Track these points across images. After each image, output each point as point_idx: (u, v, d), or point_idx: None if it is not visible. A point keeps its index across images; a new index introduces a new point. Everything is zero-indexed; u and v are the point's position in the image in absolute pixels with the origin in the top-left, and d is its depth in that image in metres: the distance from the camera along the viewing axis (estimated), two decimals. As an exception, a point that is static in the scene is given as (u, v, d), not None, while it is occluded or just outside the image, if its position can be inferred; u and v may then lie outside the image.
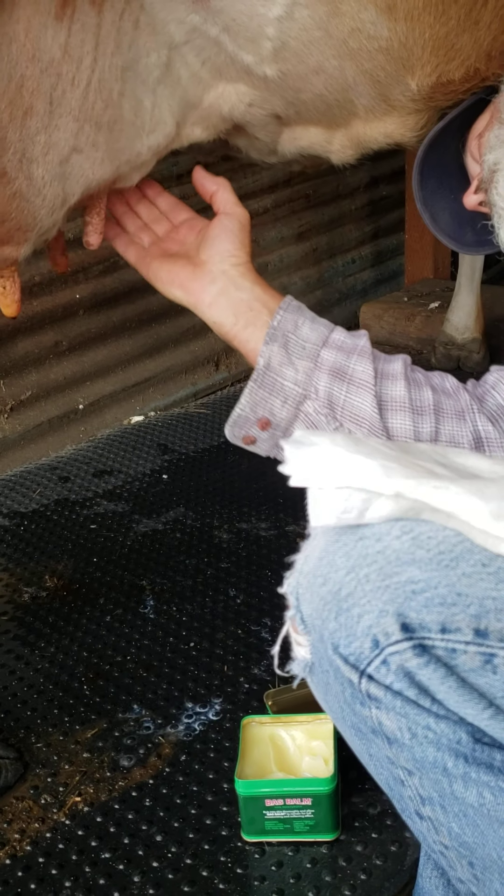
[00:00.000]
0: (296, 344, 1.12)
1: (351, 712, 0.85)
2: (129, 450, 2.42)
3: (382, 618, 0.77)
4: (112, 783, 1.33)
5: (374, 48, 1.26)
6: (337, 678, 0.83)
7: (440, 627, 0.77)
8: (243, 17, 1.19)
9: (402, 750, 0.82)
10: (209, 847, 1.22)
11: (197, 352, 3.12)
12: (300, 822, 1.18)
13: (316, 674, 0.87)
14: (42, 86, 1.11)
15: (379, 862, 1.18)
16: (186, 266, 1.19)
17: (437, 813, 0.85)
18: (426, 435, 1.10)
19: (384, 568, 0.78)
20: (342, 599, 0.79)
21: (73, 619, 1.71)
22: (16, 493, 2.21)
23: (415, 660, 0.77)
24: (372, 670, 0.79)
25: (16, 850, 1.23)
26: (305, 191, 3.44)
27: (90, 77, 1.16)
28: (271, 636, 1.62)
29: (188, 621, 1.69)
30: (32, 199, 1.17)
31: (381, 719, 0.81)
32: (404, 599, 0.77)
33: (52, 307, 2.65)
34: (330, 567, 0.80)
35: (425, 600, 0.77)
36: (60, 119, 1.14)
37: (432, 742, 0.80)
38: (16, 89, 1.10)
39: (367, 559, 0.79)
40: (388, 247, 3.89)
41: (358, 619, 0.78)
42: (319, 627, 0.82)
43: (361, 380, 1.10)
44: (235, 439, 1.17)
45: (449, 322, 2.80)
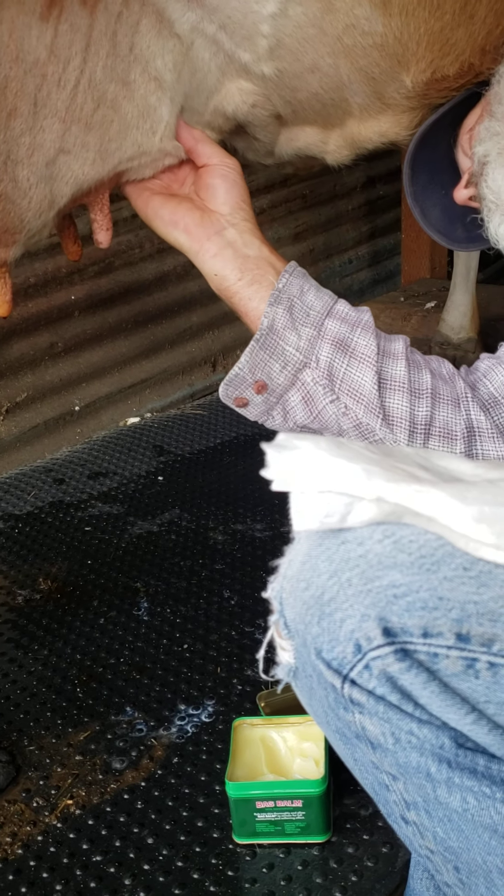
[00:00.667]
0: (300, 309, 1.09)
1: (335, 717, 0.84)
2: (124, 451, 2.42)
3: (364, 622, 0.77)
4: (104, 786, 1.33)
5: (368, 44, 1.26)
6: (320, 683, 0.82)
7: (422, 632, 0.76)
8: (238, 14, 1.19)
9: (386, 755, 0.82)
10: (200, 849, 1.21)
11: (194, 353, 3.12)
12: (291, 823, 1.18)
13: (300, 678, 0.87)
14: (26, 87, 1.10)
15: (370, 864, 1.18)
16: (193, 210, 1.14)
17: (422, 818, 0.85)
18: (421, 418, 1.08)
19: (366, 572, 0.77)
20: (325, 604, 0.79)
21: (66, 622, 1.71)
22: (10, 496, 2.21)
23: (397, 664, 0.77)
24: (355, 675, 0.79)
25: (7, 854, 1.23)
26: (302, 191, 3.44)
27: (79, 78, 1.15)
28: (265, 638, 1.62)
29: (182, 623, 1.68)
30: (18, 202, 1.17)
31: (365, 724, 0.81)
32: (386, 604, 0.76)
33: (48, 308, 2.65)
34: (313, 571, 0.80)
35: (407, 604, 0.76)
36: (45, 120, 1.13)
37: (415, 747, 0.79)
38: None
39: (349, 563, 0.78)
40: (384, 247, 3.89)
41: (340, 624, 0.78)
42: (303, 632, 0.81)
43: (364, 355, 1.08)
44: (227, 399, 1.14)
45: (445, 322, 2.80)
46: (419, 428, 1.08)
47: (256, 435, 2.44)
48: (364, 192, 3.74)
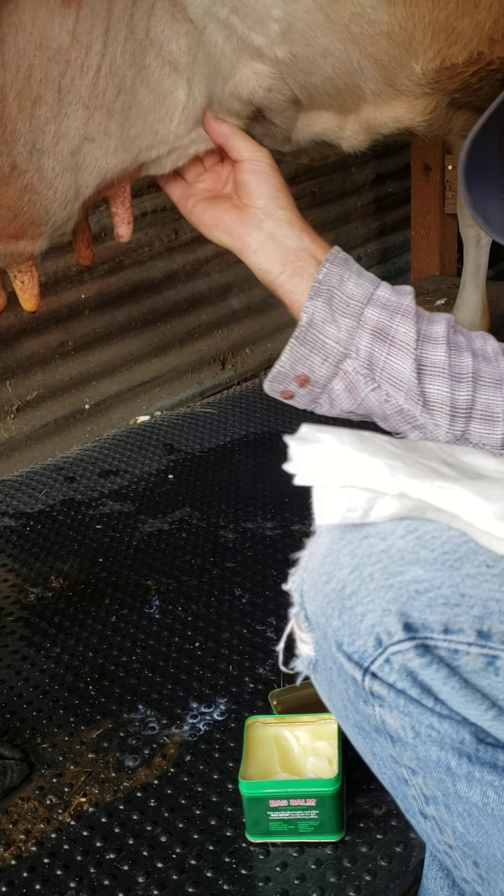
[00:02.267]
0: (340, 300, 1.09)
1: (354, 710, 0.84)
2: (134, 450, 2.42)
3: (385, 617, 0.77)
4: (117, 784, 1.33)
5: (375, 32, 1.26)
6: (340, 676, 0.83)
7: (443, 628, 0.76)
8: None
9: (406, 749, 0.82)
10: (214, 848, 1.22)
11: (203, 351, 3.12)
12: (304, 822, 1.18)
13: (319, 671, 0.87)
14: (50, 74, 1.10)
15: (384, 863, 1.18)
16: (231, 210, 1.16)
17: (441, 812, 0.85)
18: (462, 402, 1.07)
19: (388, 567, 0.77)
20: (346, 598, 0.79)
21: (78, 620, 1.71)
22: (22, 494, 2.21)
23: (417, 660, 0.77)
24: (375, 668, 0.79)
25: (21, 851, 1.23)
26: (311, 188, 3.44)
27: (100, 63, 1.15)
28: (276, 636, 1.62)
29: (193, 621, 1.69)
30: (44, 192, 1.17)
31: (385, 717, 0.81)
32: (407, 599, 0.77)
33: (58, 307, 2.65)
34: (334, 565, 0.80)
35: (428, 600, 0.76)
36: (70, 107, 1.13)
37: (435, 741, 0.79)
38: (24, 79, 1.09)
39: (371, 558, 0.78)
40: (394, 244, 3.88)
41: (361, 618, 0.78)
42: (323, 625, 0.81)
43: (403, 342, 1.07)
44: (273, 393, 1.14)
45: (455, 319, 2.79)
46: (460, 412, 1.08)
47: (266, 433, 2.44)
48: (373, 189, 3.74)
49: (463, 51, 1.31)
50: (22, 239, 1.22)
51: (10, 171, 1.15)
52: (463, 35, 1.29)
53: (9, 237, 1.22)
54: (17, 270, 1.29)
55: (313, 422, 0.90)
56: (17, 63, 1.09)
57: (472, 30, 1.29)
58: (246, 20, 1.21)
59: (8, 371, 2.55)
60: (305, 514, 2.01)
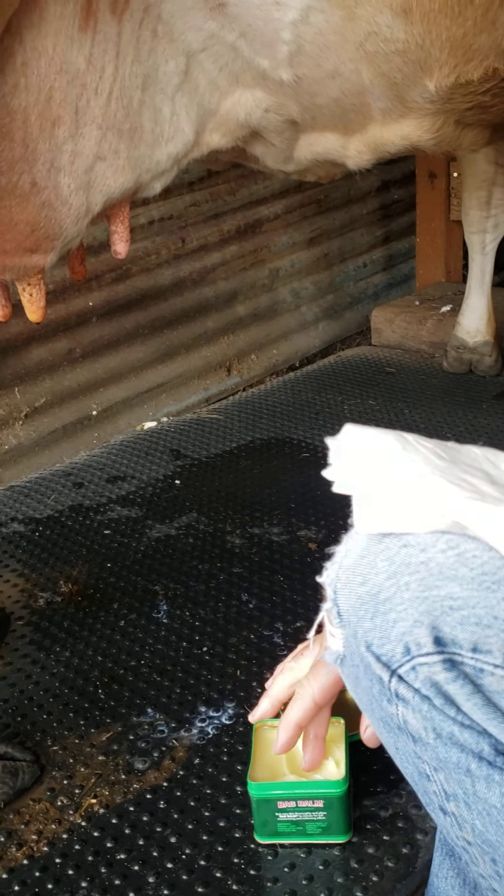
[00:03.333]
0: None
1: (378, 707, 0.86)
2: (142, 455, 2.44)
3: (416, 628, 0.79)
4: (127, 786, 1.35)
5: (390, 51, 1.27)
6: (367, 673, 0.85)
7: (472, 646, 0.78)
8: (259, 22, 1.20)
9: (427, 749, 0.84)
10: (223, 849, 1.23)
11: (209, 357, 3.15)
12: (312, 823, 1.20)
13: (346, 666, 0.89)
14: (69, 96, 1.14)
15: (391, 864, 1.19)
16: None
17: (461, 809, 0.86)
18: None
19: (425, 579, 0.79)
20: (380, 602, 0.81)
21: (87, 624, 1.73)
22: (30, 500, 2.23)
23: (443, 673, 0.79)
24: (402, 672, 0.81)
25: (33, 851, 1.25)
26: (316, 196, 3.46)
27: (112, 86, 1.18)
28: (284, 641, 1.64)
29: (201, 626, 1.70)
30: (59, 208, 1.20)
31: (407, 718, 0.83)
32: (440, 613, 0.78)
33: (66, 315, 2.68)
34: (370, 568, 0.82)
35: (461, 618, 0.78)
36: (85, 128, 1.16)
37: (456, 744, 0.81)
38: (45, 101, 1.13)
39: (409, 567, 0.80)
40: (399, 251, 3.90)
41: (393, 624, 0.80)
42: (354, 624, 0.83)
43: None
44: None
45: (460, 325, 2.81)
46: None
47: (273, 439, 2.46)
48: (378, 196, 3.76)
49: (478, 67, 1.32)
50: (36, 252, 1.26)
51: (30, 188, 1.18)
52: (479, 52, 1.30)
53: (24, 251, 1.25)
54: (27, 283, 1.32)
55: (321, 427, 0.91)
56: (38, 86, 1.12)
57: (489, 46, 1.30)
58: (254, 43, 1.23)
59: (16, 377, 2.58)
60: (311, 519, 2.04)
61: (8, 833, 1.28)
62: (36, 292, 1.33)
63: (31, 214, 1.20)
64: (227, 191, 3.10)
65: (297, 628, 1.67)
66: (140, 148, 1.26)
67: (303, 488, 2.24)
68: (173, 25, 1.21)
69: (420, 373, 2.91)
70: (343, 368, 2.99)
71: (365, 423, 1.25)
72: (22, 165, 1.15)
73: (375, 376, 2.91)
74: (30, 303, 1.33)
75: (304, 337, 3.43)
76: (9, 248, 1.24)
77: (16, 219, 1.20)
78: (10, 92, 1.10)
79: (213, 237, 3.08)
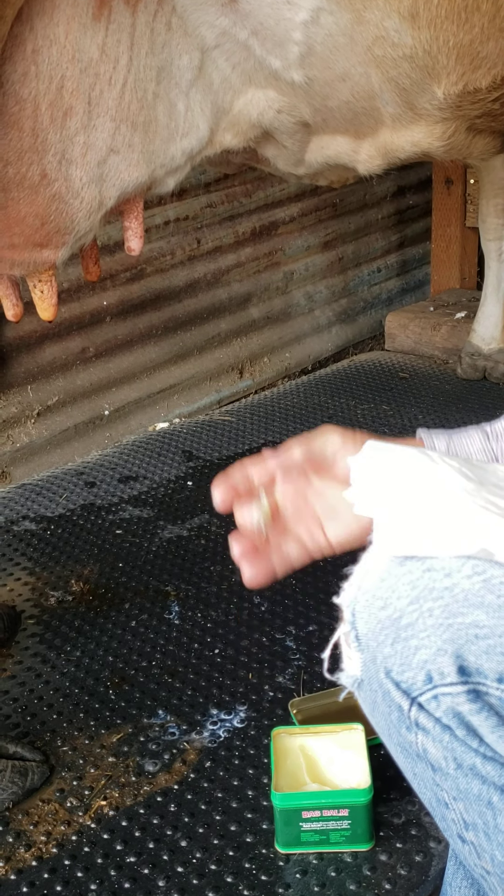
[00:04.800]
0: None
1: (397, 733, 0.84)
2: (154, 456, 2.43)
3: (440, 656, 0.76)
4: (137, 788, 1.34)
5: (398, 56, 1.25)
6: (385, 700, 0.82)
7: (497, 676, 0.76)
8: (270, 20, 1.19)
9: (447, 778, 0.82)
10: (234, 853, 1.22)
11: (222, 359, 3.14)
12: (336, 832, 1.19)
13: (364, 690, 0.87)
14: (81, 86, 1.12)
15: (403, 872, 1.18)
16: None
17: (480, 839, 0.84)
18: None
19: (450, 606, 0.77)
20: (401, 628, 0.78)
21: (98, 624, 1.72)
22: (42, 498, 2.22)
23: (467, 705, 0.77)
24: (423, 700, 0.78)
25: (42, 853, 1.24)
26: (332, 200, 3.45)
27: (126, 77, 1.16)
28: (296, 645, 1.63)
29: (213, 628, 1.69)
30: (71, 202, 1.18)
31: (427, 747, 0.80)
32: (465, 642, 0.76)
33: (80, 314, 2.67)
34: (391, 592, 0.79)
35: (487, 647, 0.76)
36: (98, 119, 1.15)
37: (478, 776, 0.79)
38: (56, 90, 1.11)
39: (433, 593, 0.78)
40: (413, 256, 3.89)
41: (415, 651, 0.78)
42: (373, 649, 0.81)
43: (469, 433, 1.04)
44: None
45: (475, 332, 2.80)
46: None
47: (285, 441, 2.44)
48: (394, 201, 3.75)
49: (486, 75, 1.30)
50: (46, 247, 1.24)
51: (39, 180, 1.16)
52: (487, 59, 1.28)
53: (34, 245, 1.23)
54: (38, 280, 1.30)
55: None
56: (50, 74, 1.11)
57: (497, 54, 1.29)
58: (265, 42, 1.21)
59: (30, 376, 2.57)
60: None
61: (17, 834, 1.27)
62: (47, 289, 1.32)
63: (40, 207, 1.18)
64: (243, 193, 3.09)
65: (309, 632, 1.66)
66: (155, 142, 1.24)
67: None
68: (187, 19, 1.20)
69: (434, 379, 2.89)
70: (356, 373, 2.98)
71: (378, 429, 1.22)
72: (31, 156, 1.13)
73: (389, 381, 2.89)
74: (41, 300, 1.31)
75: (317, 341, 3.42)
76: (17, 241, 1.22)
77: (24, 211, 1.18)
78: (20, 80, 1.09)
79: (228, 239, 3.08)
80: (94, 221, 1.23)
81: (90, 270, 1.46)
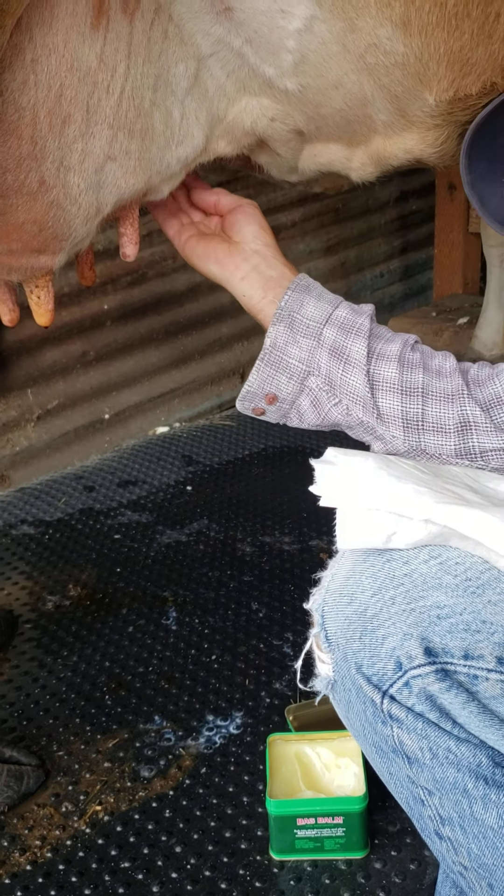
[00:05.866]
0: (300, 323, 1.16)
1: (372, 731, 0.85)
2: (153, 460, 2.43)
3: (406, 641, 0.78)
4: (132, 793, 1.34)
5: (390, 63, 1.27)
6: (359, 697, 0.83)
7: (463, 654, 0.77)
8: (264, 28, 1.21)
9: (423, 770, 0.82)
10: (228, 860, 1.22)
11: (222, 364, 3.14)
12: (331, 840, 1.19)
13: (338, 691, 0.88)
14: (79, 94, 1.13)
15: (398, 880, 1.18)
16: (222, 244, 1.25)
17: (456, 833, 0.85)
18: (413, 415, 1.13)
19: (410, 591, 0.78)
20: (367, 620, 0.80)
21: (95, 629, 1.72)
22: (41, 502, 2.22)
23: (437, 684, 0.78)
24: (394, 691, 0.79)
25: (36, 857, 1.24)
26: (335, 204, 3.45)
27: (123, 85, 1.18)
28: (293, 651, 1.63)
29: (210, 634, 1.69)
30: (68, 208, 1.19)
31: (402, 739, 0.81)
32: (429, 624, 0.77)
33: (81, 318, 2.67)
34: (356, 587, 0.81)
35: (450, 626, 0.77)
36: (96, 127, 1.16)
37: (452, 763, 0.80)
38: (55, 99, 1.12)
39: (393, 581, 0.79)
40: (416, 261, 3.89)
41: (382, 641, 0.79)
42: (343, 646, 0.82)
43: (355, 359, 1.13)
44: (245, 410, 1.22)
45: (477, 338, 2.80)
46: (412, 424, 1.12)
47: (285, 447, 2.45)
48: (397, 206, 3.75)
49: (476, 81, 1.31)
50: (43, 253, 1.25)
51: (38, 187, 1.17)
52: (477, 65, 1.30)
53: (31, 251, 1.24)
54: (35, 285, 1.31)
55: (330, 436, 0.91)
56: (49, 83, 1.12)
57: (487, 60, 1.30)
58: (259, 51, 1.22)
59: (30, 379, 2.57)
60: (323, 529, 2.02)
61: (11, 838, 1.27)
62: (44, 295, 1.32)
63: (38, 213, 1.19)
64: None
65: (306, 639, 1.66)
66: (151, 149, 1.26)
67: (315, 498, 2.22)
68: (183, 28, 1.21)
69: (434, 384, 2.89)
70: (357, 378, 2.97)
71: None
72: (30, 163, 1.14)
73: (389, 387, 2.89)
74: (37, 306, 1.32)
75: (319, 346, 3.42)
76: (15, 247, 1.23)
77: (22, 218, 1.19)
78: (19, 88, 1.10)
79: (230, 243, 3.07)
80: (91, 227, 1.24)
81: (85, 275, 1.47)
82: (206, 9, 1.18)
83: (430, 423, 1.12)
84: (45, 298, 1.30)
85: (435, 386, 1.14)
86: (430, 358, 1.17)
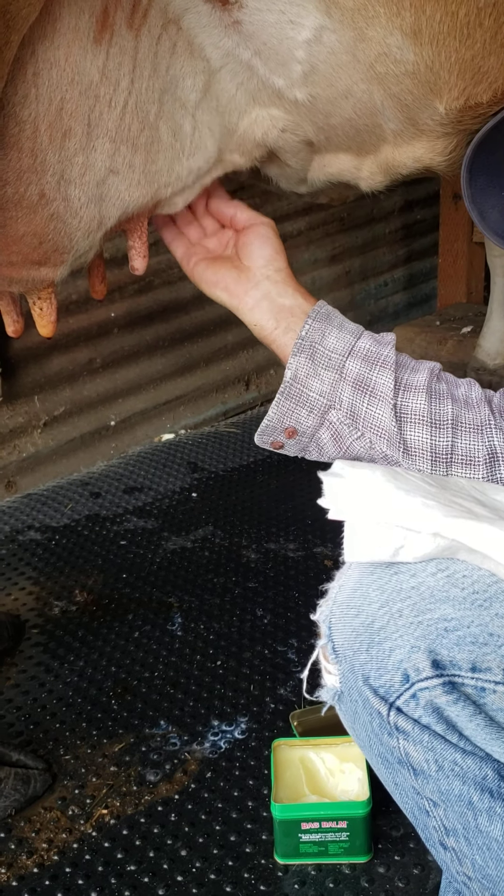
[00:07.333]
0: (322, 354, 1.13)
1: (378, 742, 0.86)
2: (159, 467, 2.45)
3: (414, 653, 0.79)
4: (138, 797, 1.35)
5: (400, 72, 1.27)
6: (365, 708, 0.84)
7: (470, 666, 0.78)
8: (273, 40, 1.21)
9: (428, 781, 0.83)
10: (233, 864, 1.23)
11: (228, 371, 3.15)
12: (335, 844, 1.20)
13: (344, 702, 0.89)
14: (80, 108, 1.14)
15: (401, 884, 1.19)
16: (231, 270, 1.23)
17: (461, 844, 0.86)
18: (442, 448, 1.10)
19: (418, 604, 0.79)
20: (374, 632, 0.80)
21: (101, 634, 1.74)
22: (48, 508, 2.24)
23: (444, 696, 0.79)
24: (401, 703, 0.80)
25: (43, 860, 1.25)
26: (340, 214, 3.47)
27: (127, 99, 1.19)
28: (298, 657, 1.64)
29: (215, 640, 1.70)
30: (69, 221, 1.20)
31: (409, 751, 0.82)
32: (436, 636, 0.78)
33: (88, 325, 2.69)
34: (363, 599, 0.82)
35: (457, 638, 0.78)
36: (97, 140, 1.17)
37: (458, 776, 0.81)
38: (56, 112, 1.14)
39: (401, 594, 0.80)
40: (420, 270, 3.91)
41: (389, 653, 0.80)
42: (350, 658, 0.83)
43: (382, 392, 1.11)
44: (264, 444, 1.19)
45: (481, 347, 2.81)
46: (441, 457, 1.10)
47: (290, 455, 2.45)
48: (401, 215, 3.77)
49: (488, 90, 1.32)
50: (44, 265, 1.26)
51: (38, 200, 1.18)
52: (489, 74, 1.30)
53: (32, 263, 1.25)
54: (37, 297, 1.31)
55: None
56: (49, 96, 1.13)
57: (499, 69, 1.30)
58: (268, 62, 1.23)
59: (36, 386, 2.59)
60: (328, 536, 2.04)
61: (19, 841, 1.28)
62: (46, 306, 1.33)
63: (38, 226, 1.20)
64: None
65: (311, 645, 1.67)
66: (157, 162, 1.26)
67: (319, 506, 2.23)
68: (192, 41, 1.22)
69: (439, 393, 2.90)
70: (362, 386, 2.99)
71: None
72: (30, 176, 1.15)
73: (394, 395, 2.90)
74: (40, 317, 1.33)
75: (323, 354, 3.43)
76: (15, 259, 1.24)
77: (22, 230, 1.20)
78: (20, 102, 1.11)
79: (236, 252, 3.09)
80: (93, 240, 1.24)
81: (97, 289, 1.47)
82: (214, 22, 1.20)
83: (459, 455, 1.11)
84: (47, 310, 1.31)
85: (465, 417, 1.12)
86: (456, 387, 1.15)
